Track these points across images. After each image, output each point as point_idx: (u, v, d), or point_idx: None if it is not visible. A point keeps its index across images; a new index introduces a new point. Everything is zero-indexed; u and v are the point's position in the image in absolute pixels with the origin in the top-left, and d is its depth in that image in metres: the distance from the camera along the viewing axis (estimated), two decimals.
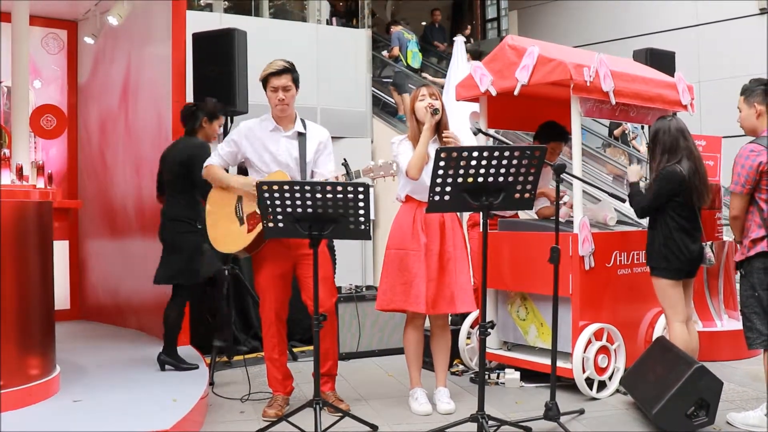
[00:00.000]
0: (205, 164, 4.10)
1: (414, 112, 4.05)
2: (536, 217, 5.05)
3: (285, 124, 4.01)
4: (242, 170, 4.42)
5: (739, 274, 3.78)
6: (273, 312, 4.01)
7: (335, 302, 4.11)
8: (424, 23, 14.89)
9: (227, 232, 3.96)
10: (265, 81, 3.95)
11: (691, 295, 4.18)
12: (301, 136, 4.02)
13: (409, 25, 15.08)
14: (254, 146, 3.99)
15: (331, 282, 4.14)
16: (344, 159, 3.92)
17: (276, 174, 3.92)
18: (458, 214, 4.26)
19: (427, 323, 4.22)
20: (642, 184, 4.19)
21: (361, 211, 3.42)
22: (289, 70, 3.94)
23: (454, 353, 4.71)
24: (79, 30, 6.39)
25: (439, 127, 4.03)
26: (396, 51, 10.70)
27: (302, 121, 4.07)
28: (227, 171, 4.26)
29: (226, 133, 5.26)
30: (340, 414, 3.84)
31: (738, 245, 3.80)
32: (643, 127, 5.11)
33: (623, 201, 4.67)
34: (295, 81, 3.96)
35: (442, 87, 7.00)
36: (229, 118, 5.30)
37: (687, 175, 3.91)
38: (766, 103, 3.72)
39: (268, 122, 4.02)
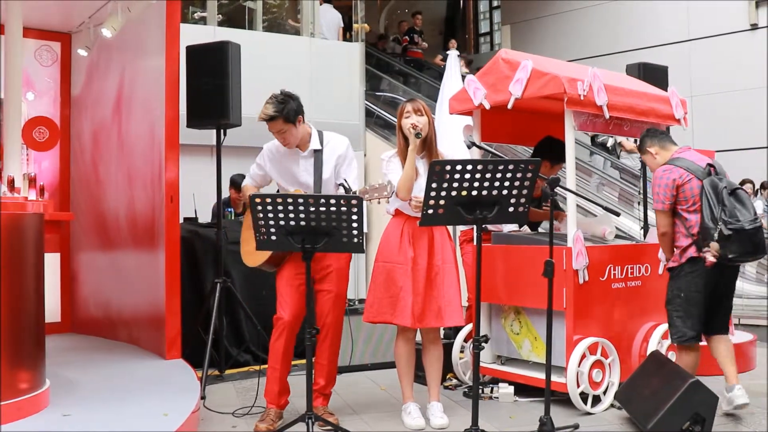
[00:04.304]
0: (243, 184, 4.30)
1: (401, 128, 4.04)
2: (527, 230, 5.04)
3: (302, 145, 4.06)
4: None
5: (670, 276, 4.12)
6: (285, 323, 3.98)
7: (341, 320, 4.13)
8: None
9: (251, 248, 4.01)
10: None
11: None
12: (317, 153, 4.05)
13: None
14: (277, 168, 4.12)
15: (343, 300, 4.15)
16: (344, 180, 3.92)
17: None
18: (448, 228, 4.24)
19: (419, 337, 4.21)
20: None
21: (355, 224, 3.41)
22: (275, 116, 3.90)
23: (447, 367, 4.69)
24: (72, 42, 6.38)
25: (426, 143, 4.02)
26: None
27: (319, 134, 4.10)
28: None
29: (219, 147, 5.24)
30: (330, 428, 3.81)
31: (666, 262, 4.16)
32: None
33: (617, 215, 4.67)
34: (287, 119, 3.91)
35: None
36: (222, 131, 5.29)
37: None
38: (656, 142, 4.17)
39: None
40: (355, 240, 3.45)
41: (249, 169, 4.30)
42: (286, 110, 3.92)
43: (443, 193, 3.34)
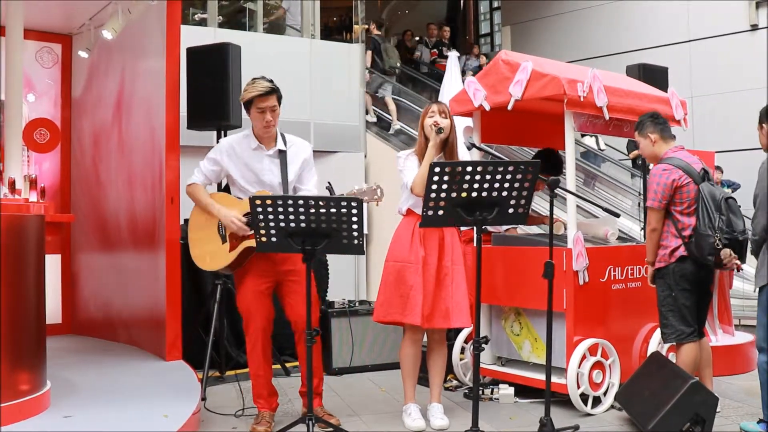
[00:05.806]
0: (188, 182, 4.05)
1: (423, 127, 4.06)
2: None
3: (267, 143, 3.97)
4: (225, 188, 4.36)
5: (656, 276, 4.10)
6: (259, 329, 3.94)
7: (319, 318, 4.05)
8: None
9: (210, 250, 3.95)
10: (249, 102, 3.89)
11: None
12: (282, 154, 3.98)
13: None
14: (237, 165, 3.96)
15: (315, 299, 4.11)
16: (328, 182, 3.89)
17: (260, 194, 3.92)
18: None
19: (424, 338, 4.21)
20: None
21: (355, 226, 3.41)
22: (275, 90, 3.89)
23: (448, 368, 4.69)
24: (73, 44, 6.39)
25: (446, 145, 4.04)
26: None
27: (282, 135, 4.03)
28: (219, 186, 4.18)
29: None
30: (330, 429, 3.81)
31: (650, 264, 4.10)
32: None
33: (617, 216, 4.68)
34: (279, 100, 3.93)
35: None
36: (222, 132, 5.29)
37: None
38: (658, 131, 4.10)
39: (251, 140, 3.97)
40: (356, 241, 3.46)
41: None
42: (279, 91, 3.91)
43: (443, 195, 3.35)
